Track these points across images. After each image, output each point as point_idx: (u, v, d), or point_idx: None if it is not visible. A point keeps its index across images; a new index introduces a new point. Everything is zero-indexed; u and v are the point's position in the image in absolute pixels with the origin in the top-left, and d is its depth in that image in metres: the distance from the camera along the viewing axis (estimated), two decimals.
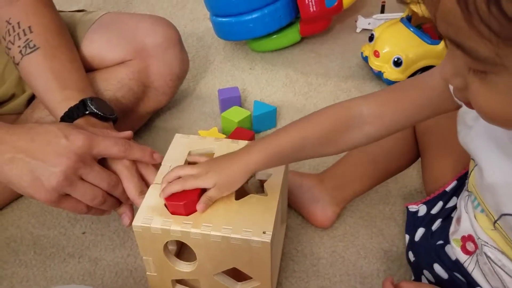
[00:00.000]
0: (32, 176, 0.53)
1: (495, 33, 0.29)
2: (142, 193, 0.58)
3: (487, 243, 0.49)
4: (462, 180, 0.60)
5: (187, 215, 0.52)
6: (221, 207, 0.53)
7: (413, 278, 0.62)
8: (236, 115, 0.85)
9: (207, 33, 1.20)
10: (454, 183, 0.61)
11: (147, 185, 0.60)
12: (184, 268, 0.55)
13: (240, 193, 0.55)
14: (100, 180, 0.57)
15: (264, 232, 0.49)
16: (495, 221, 0.47)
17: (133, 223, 0.52)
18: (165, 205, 0.53)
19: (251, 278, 0.55)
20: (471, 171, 0.51)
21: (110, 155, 0.58)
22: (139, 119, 0.86)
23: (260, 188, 0.72)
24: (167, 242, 0.53)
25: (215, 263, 0.54)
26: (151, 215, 0.52)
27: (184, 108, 0.96)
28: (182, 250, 0.64)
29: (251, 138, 0.81)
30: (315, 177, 0.72)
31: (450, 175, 0.62)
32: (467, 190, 0.53)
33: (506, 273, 0.48)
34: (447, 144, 0.63)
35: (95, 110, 0.65)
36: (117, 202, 0.61)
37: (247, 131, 0.82)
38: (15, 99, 0.81)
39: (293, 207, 0.73)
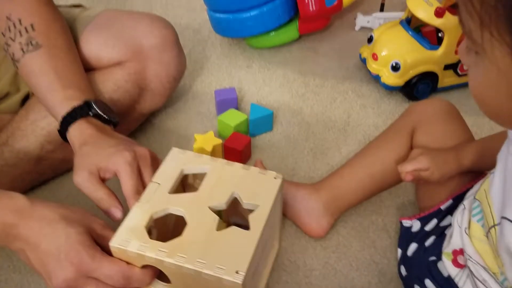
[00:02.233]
0: (39, 271, 0.52)
1: (476, 12, 0.33)
2: (138, 193, 0.57)
3: (471, 257, 0.51)
4: (457, 200, 0.61)
5: None
6: (201, 236, 0.52)
7: None
8: (233, 118, 0.85)
9: (204, 25, 1.18)
10: (449, 202, 0.62)
11: (142, 184, 0.59)
12: None
13: (224, 224, 0.54)
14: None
15: (237, 272, 0.48)
16: (493, 226, 0.47)
17: (110, 243, 0.51)
18: None
19: None
20: (485, 179, 0.52)
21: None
22: (134, 121, 0.86)
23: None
24: None
25: None
26: (129, 237, 0.51)
27: (180, 108, 0.95)
28: None
29: (247, 144, 0.81)
30: (310, 188, 0.72)
31: (445, 193, 0.63)
32: (475, 198, 0.53)
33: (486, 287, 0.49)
34: None
35: (99, 112, 0.64)
36: None
37: (244, 136, 0.82)
38: (9, 98, 0.80)
39: (287, 217, 0.73)
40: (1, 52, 0.74)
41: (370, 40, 0.99)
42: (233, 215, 0.64)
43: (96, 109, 0.64)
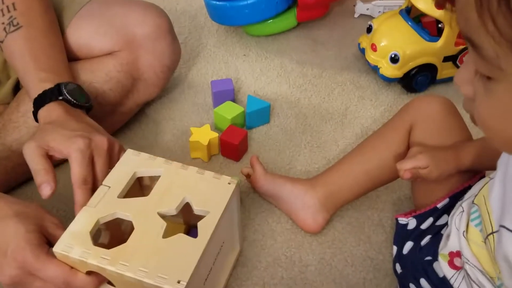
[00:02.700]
0: None
1: (500, 32, 0.30)
2: (86, 182, 0.56)
3: (468, 260, 0.51)
4: (454, 199, 0.61)
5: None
6: (147, 243, 0.51)
7: None
8: (229, 111, 0.84)
9: (200, 11, 1.16)
10: (446, 201, 0.62)
11: (94, 174, 0.57)
12: None
13: (172, 230, 0.53)
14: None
15: (178, 282, 0.47)
16: (491, 233, 0.47)
17: (54, 249, 0.50)
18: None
19: None
20: (485, 184, 0.52)
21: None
22: (129, 112, 0.84)
23: None
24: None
25: None
26: (72, 242, 0.50)
27: (176, 98, 0.94)
28: None
29: (244, 137, 0.80)
30: (307, 183, 0.72)
31: (441, 192, 0.63)
32: (473, 202, 0.53)
33: None
34: None
35: (69, 97, 0.63)
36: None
37: (240, 130, 0.81)
38: (0, 87, 0.79)
39: (284, 212, 0.73)
40: None
41: (369, 30, 0.97)
42: (193, 217, 0.62)
43: (66, 93, 0.63)
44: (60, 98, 0.62)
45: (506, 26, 0.30)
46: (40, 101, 0.63)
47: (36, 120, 0.65)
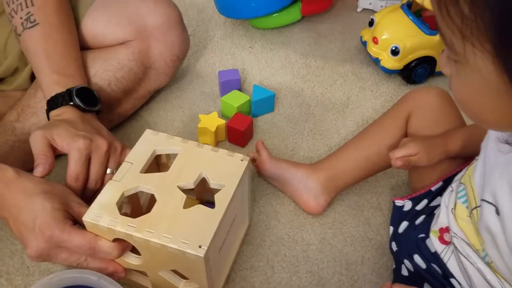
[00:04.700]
0: (19, 239, 0.57)
1: (452, 21, 0.36)
2: (77, 180, 0.61)
3: (456, 234, 0.55)
4: (447, 182, 0.65)
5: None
6: (169, 213, 0.55)
7: (394, 266, 0.68)
8: (236, 99, 0.87)
9: (208, 4, 1.19)
10: (439, 184, 0.66)
11: (88, 172, 0.62)
12: (132, 260, 0.58)
13: (196, 201, 0.57)
14: (70, 260, 0.57)
15: (200, 246, 0.51)
16: (475, 207, 0.51)
17: (84, 218, 0.54)
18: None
19: None
20: (470, 165, 0.56)
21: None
22: (140, 98, 0.88)
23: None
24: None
25: (157, 263, 0.57)
26: (101, 212, 0.55)
27: (184, 87, 0.97)
28: None
29: (250, 124, 0.84)
30: (310, 168, 0.75)
31: (436, 176, 0.67)
32: (460, 182, 0.57)
33: (470, 262, 0.54)
34: None
35: (78, 102, 0.68)
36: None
37: (246, 117, 0.85)
38: (19, 73, 0.83)
39: (287, 195, 0.77)
40: (7, 27, 0.77)
41: (371, 23, 1.01)
42: (205, 193, 0.67)
43: (76, 99, 0.67)
44: (71, 103, 0.67)
45: (456, 16, 0.35)
46: (52, 104, 0.68)
47: (48, 118, 0.69)
